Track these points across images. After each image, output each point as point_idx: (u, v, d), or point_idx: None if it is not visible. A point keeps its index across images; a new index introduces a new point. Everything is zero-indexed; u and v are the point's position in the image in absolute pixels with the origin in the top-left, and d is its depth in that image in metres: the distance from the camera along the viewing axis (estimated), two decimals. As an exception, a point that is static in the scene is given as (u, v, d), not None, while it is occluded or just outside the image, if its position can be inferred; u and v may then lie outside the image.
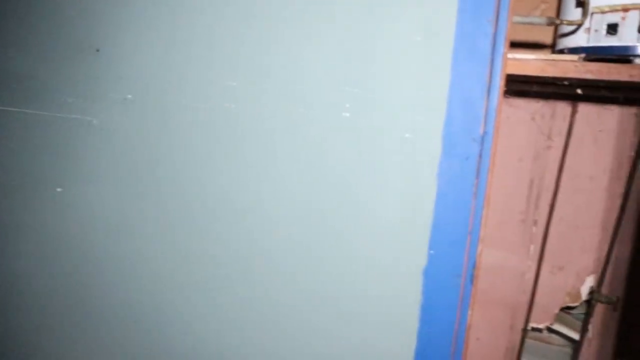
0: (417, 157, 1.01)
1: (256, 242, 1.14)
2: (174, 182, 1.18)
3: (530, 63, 1.19)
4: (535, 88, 1.45)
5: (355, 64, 1.04)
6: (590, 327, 1.80)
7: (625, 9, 1.23)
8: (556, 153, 1.76)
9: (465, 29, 0.98)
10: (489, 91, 0.98)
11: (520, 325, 1.86)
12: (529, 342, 1.86)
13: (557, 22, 1.23)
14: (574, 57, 1.20)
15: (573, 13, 1.35)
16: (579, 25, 1.29)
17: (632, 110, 1.67)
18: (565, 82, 1.28)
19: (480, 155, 0.98)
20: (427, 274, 1.02)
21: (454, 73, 0.99)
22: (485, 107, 0.98)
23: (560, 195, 1.76)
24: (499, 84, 0.98)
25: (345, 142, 1.05)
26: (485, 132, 0.97)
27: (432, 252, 1.01)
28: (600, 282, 1.75)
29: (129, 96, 1.19)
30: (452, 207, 0.99)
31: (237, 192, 1.13)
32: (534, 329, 1.87)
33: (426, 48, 1.00)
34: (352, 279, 1.08)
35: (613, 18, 1.26)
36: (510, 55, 1.18)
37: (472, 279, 1.00)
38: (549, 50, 1.61)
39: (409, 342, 1.04)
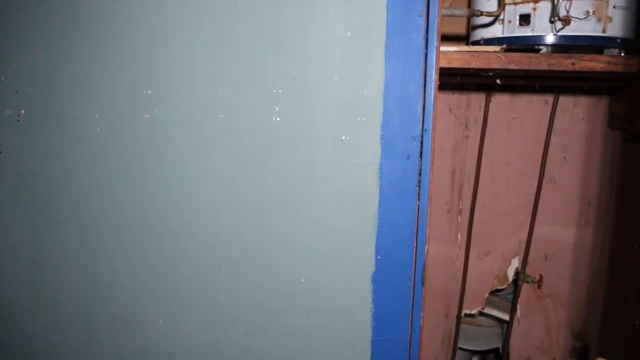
0: (356, 159, 0.97)
1: (177, 269, 1.05)
2: (93, 200, 1.06)
3: (455, 55, 1.18)
4: (458, 79, 1.46)
5: (283, 65, 0.97)
6: (518, 306, 1.87)
7: (536, 0, 1.26)
8: (474, 142, 1.80)
9: (397, 23, 0.95)
10: (425, 87, 0.95)
11: (454, 312, 1.89)
12: (463, 327, 1.90)
13: (477, 13, 1.23)
14: (497, 48, 1.21)
15: (486, 4, 1.36)
16: (496, 17, 1.31)
17: (542, 97, 1.74)
18: (490, 73, 1.30)
19: (421, 154, 0.95)
20: (376, 280, 0.99)
21: (388, 70, 0.95)
22: (422, 103, 0.95)
23: (481, 183, 1.81)
24: (434, 78, 0.95)
25: (277, 149, 0.99)
26: (424, 130, 0.95)
27: (379, 257, 0.98)
28: (524, 263, 1.82)
29: (23, 112, 1.06)
30: (397, 209, 0.96)
31: (155, 204, 1.04)
32: (466, 315, 1.91)
33: (357, 45, 0.96)
34: (296, 294, 1.02)
35: (525, 9, 1.29)
36: (435, 49, 1.16)
37: (422, 280, 0.97)
38: (464, 42, 1.64)
39: (364, 353, 1.00)
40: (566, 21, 1.23)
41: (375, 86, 0.95)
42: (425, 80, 0.95)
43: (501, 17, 1.32)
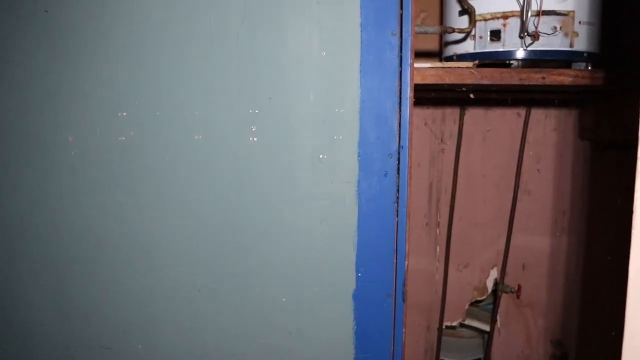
0: (334, 178, 0.97)
1: (155, 293, 1.04)
2: (67, 226, 1.04)
3: (429, 72, 1.20)
4: (433, 95, 1.48)
5: (259, 85, 0.97)
6: (498, 317, 1.88)
7: (505, 16, 1.29)
8: (450, 155, 1.83)
9: (371, 42, 0.96)
10: (400, 104, 0.96)
11: (435, 325, 1.90)
12: (444, 339, 1.91)
13: (449, 30, 1.26)
14: (469, 64, 1.24)
15: (457, 21, 1.39)
16: (468, 33, 1.34)
17: (515, 110, 1.78)
18: (464, 89, 1.32)
19: (399, 170, 0.96)
20: (357, 297, 0.99)
21: (364, 88, 0.96)
22: (398, 120, 0.96)
23: (458, 196, 1.83)
24: (409, 95, 0.97)
25: (255, 169, 0.99)
26: (401, 146, 0.96)
27: (359, 274, 0.98)
28: (502, 273, 1.84)
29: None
30: (376, 226, 0.97)
31: (132, 228, 1.02)
32: (448, 327, 1.92)
33: (332, 64, 0.97)
34: (277, 314, 1.02)
35: (495, 25, 1.32)
36: (409, 65, 1.18)
37: (403, 295, 0.98)
38: (437, 58, 1.67)
39: (347, 371, 1.00)
40: (535, 36, 1.26)
41: (351, 104, 0.96)
42: (400, 98, 0.96)
43: (472, 33, 1.35)
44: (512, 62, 1.30)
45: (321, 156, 0.97)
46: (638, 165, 0.53)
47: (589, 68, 1.28)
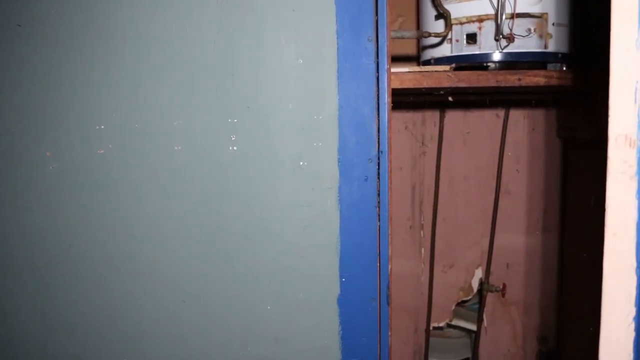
0: (315, 184, 0.98)
1: (140, 305, 1.03)
2: (48, 241, 1.03)
3: (407, 76, 1.21)
4: (411, 99, 1.50)
5: (237, 94, 0.98)
6: (484, 316, 1.90)
7: (481, 20, 1.31)
8: (431, 158, 1.84)
9: (348, 49, 0.97)
10: (378, 109, 0.97)
11: (423, 326, 1.91)
12: (432, 340, 1.92)
13: (426, 35, 1.27)
14: (446, 67, 1.25)
15: (433, 25, 1.41)
16: (444, 37, 1.35)
17: (494, 111, 1.80)
18: (441, 92, 1.33)
19: (379, 175, 0.97)
20: (342, 302, 0.99)
21: (342, 94, 0.97)
22: (377, 125, 0.97)
23: (440, 197, 1.85)
24: (387, 99, 0.98)
25: (236, 178, 0.99)
26: (380, 151, 0.97)
27: (343, 279, 0.98)
28: (487, 273, 1.86)
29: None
30: (358, 231, 0.97)
31: (114, 240, 1.02)
32: (435, 328, 1.93)
33: (310, 71, 0.97)
34: (263, 321, 1.02)
35: (471, 28, 1.33)
36: (386, 70, 1.19)
37: (387, 299, 0.98)
38: (415, 62, 1.68)
39: (334, 377, 1.00)
40: (510, 39, 1.28)
41: (330, 111, 0.97)
42: (378, 103, 0.97)
43: (449, 36, 1.36)
44: (489, 64, 1.32)
45: (301, 163, 0.98)
46: (608, 165, 0.55)
47: (564, 69, 1.30)
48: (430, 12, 1.42)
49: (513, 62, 1.30)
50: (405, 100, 1.55)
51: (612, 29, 0.54)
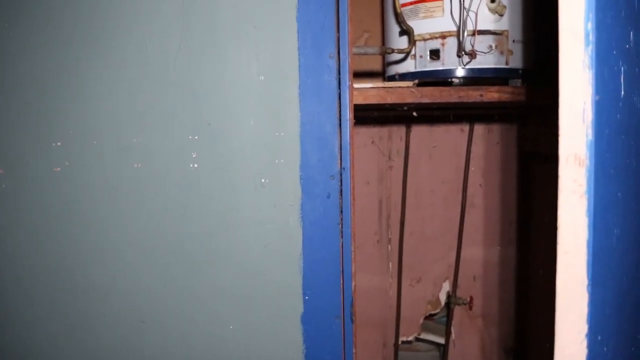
0: (277, 201, 0.97)
1: (99, 327, 1.00)
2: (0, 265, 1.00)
3: (371, 92, 1.22)
4: (376, 114, 1.50)
5: (198, 110, 0.97)
6: (452, 329, 1.91)
7: (443, 36, 1.33)
8: (398, 172, 1.85)
9: (309, 65, 0.97)
10: (340, 125, 0.97)
11: (391, 341, 1.91)
12: (401, 354, 1.92)
13: (389, 51, 1.28)
14: (409, 83, 1.26)
15: (398, 41, 1.43)
16: (408, 53, 1.37)
17: (459, 126, 1.83)
18: (405, 107, 1.34)
19: (341, 192, 0.97)
20: (306, 320, 0.98)
21: (304, 111, 0.97)
22: (339, 141, 0.97)
23: (407, 211, 1.86)
24: (349, 116, 0.98)
25: (197, 196, 0.97)
26: (343, 168, 0.96)
27: (307, 297, 0.97)
28: (454, 286, 1.87)
29: None
30: (321, 248, 0.96)
31: (71, 261, 0.99)
32: (404, 342, 1.93)
33: (271, 88, 0.97)
34: (226, 342, 1.00)
35: (434, 44, 1.35)
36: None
37: (351, 317, 0.98)
38: (381, 78, 1.70)
39: (298, 397, 0.99)
40: (472, 55, 1.30)
41: (292, 128, 0.96)
42: (340, 119, 0.97)
43: (413, 52, 1.38)
44: (453, 80, 1.33)
45: (263, 180, 0.97)
46: (559, 184, 0.56)
47: (519, 85, 1.33)
48: (394, 28, 1.43)
49: (476, 78, 1.33)
50: (371, 115, 1.55)
51: (560, 50, 0.55)
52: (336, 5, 0.97)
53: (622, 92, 0.64)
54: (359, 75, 1.73)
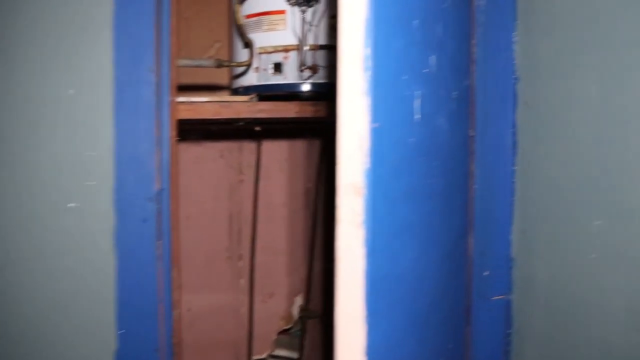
0: (88, 227, 0.88)
1: None
2: None
3: (206, 106, 1.17)
4: (215, 128, 1.45)
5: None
6: (306, 343, 1.90)
7: (286, 50, 1.31)
8: (249, 186, 1.82)
9: (126, 79, 0.89)
10: (159, 143, 0.91)
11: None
12: (254, 373, 1.88)
13: (226, 64, 1.24)
14: (246, 98, 1.23)
15: (242, 53, 1.39)
16: (249, 66, 1.34)
17: (309, 140, 1.83)
18: (241, 123, 1.31)
19: (160, 214, 0.90)
20: (121, 356, 0.90)
21: (119, 128, 0.89)
22: (157, 161, 0.90)
23: (259, 226, 1.82)
24: (170, 134, 0.92)
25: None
26: (162, 189, 0.90)
27: (122, 331, 0.89)
28: (307, 299, 1.87)
29: None
30: (137, 277, 0.89)
31: None
32: (257, 360, 1.89)
33: (82, 103, 0.88)
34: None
35: (277, 58, 1.33)
36: (185, 99, 1.13)
37: (172, 348, 0.91)
38: (228, 91, 1.65)
39: None
40: (314, 69, 1.30)
41: (105, 146, 0.88)
42: (160, 137, 0.91)
43: (256, 65, 1.35)
44: (297, 94, 1.32)
45: (72, 205, 0.87)
46: (337, 213, 0.54)
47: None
48: (239, 40, 1.40)
49: (321, 93, 1.32)
50: (212, 129, 1.50)
51: (339, 75, 0.54)
52: (156, 17, 0.91)
53: (418, 116, 0.65)
54: (202, 88, 1.67)
